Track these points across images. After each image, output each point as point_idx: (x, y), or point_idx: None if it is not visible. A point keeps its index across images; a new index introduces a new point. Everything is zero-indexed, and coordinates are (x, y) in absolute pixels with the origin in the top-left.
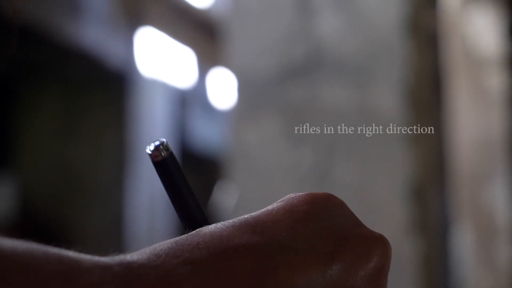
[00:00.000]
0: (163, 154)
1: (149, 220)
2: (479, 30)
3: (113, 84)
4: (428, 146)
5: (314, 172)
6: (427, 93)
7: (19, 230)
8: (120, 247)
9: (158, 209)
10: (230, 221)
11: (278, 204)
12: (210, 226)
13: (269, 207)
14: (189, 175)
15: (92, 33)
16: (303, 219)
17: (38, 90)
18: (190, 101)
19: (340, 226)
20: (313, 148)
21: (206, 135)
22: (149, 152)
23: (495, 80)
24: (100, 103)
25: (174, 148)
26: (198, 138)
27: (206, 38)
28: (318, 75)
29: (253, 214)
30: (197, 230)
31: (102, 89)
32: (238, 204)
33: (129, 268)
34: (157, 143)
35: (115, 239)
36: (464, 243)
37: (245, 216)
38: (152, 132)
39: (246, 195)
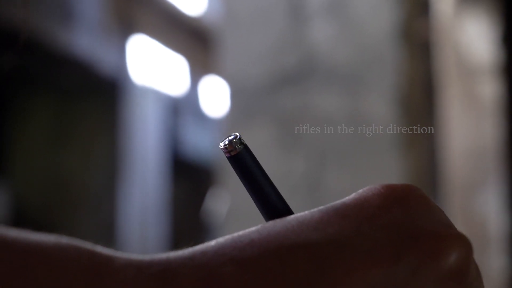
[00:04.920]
0: (237, 148)
1: (140, 227)
2: (472, 38)
3: (105, 91)
4: (420, 155)
5: (306, 180)
6: (419, 101)
7: None
8: None
9: (149, 217)
10: (299, 214)
11: (352, 196)
12: (277, 220)
13: (343, 199)
14: (181, 183)
15: (84, 41)
16: (373, 215)
17: (30, 98)
18: (182, 108)
19: (414, 223)
20: (305, 156)
21: (198, 143)
22: (222, 147)
23: (487, 89)
24: (92, 111)
25: (165, 156)
26: (190, 145)
27: (199, 46)
28: (310, 83)
29: (323, 207)
30: (259, 225)
31: (94, 97)
32: (230, 212)
33: (167, 268)
34: (230, 137)
35: (107, 246)
36: None
37: (315, 209)
38: (144, 139)
39: (238, 202)
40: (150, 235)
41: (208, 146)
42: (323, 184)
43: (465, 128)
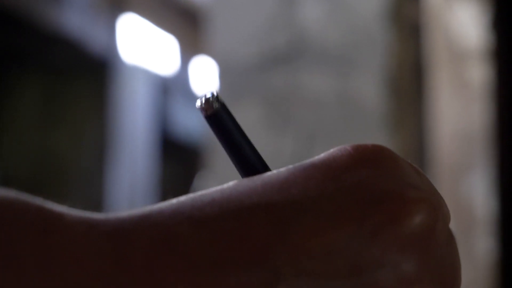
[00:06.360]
0: (214, 106)
1: (129, 207)
2: (462, 22)
3: (95, 70)
4: (409, 137)
5: (295, 160)
6: (409, 83)
7: None
8: None
9: (138, 197)
10: (266, 174)
11: (322, 155)
12: (244, 179)
13: (313, 158)
14: (170, 163)
15: (74, 19)
16: (339, 176)
17: (19, 76)
18: (172, 88)
19: (380, 185)
20: (293, 136)
21: (188, 123)
22: (199, 106)
23: (476, 73)
24: (81, 90)
25: (154, 136)
26: (179, 125)
27: (189, 26)
28: (300, 63)
29: (291, 166)
30: (224, 185)
31: (84, 76)
32: None
33: (120, 226)
34: (207, 95)
35: None
36: None
37: (283, 168)
38: (133, 119)
39: (226, 183)
40: None
41: (198, 126)
42: None
43: (453, 111)
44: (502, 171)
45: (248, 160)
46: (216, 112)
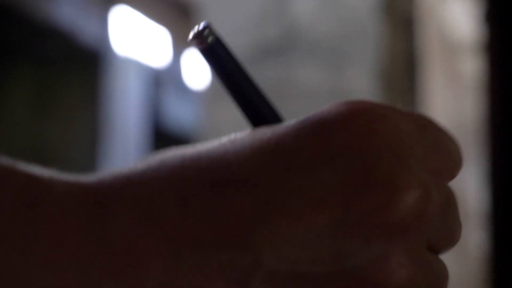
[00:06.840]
0: (208, 40)
1: None
2: (455, 15)
3: (87, 62)
4: None
5: None
6: (401, 76)
7: None
8: None
9: None
10: (255, 141)
11: (310, 117)
12: (237, 144)
13: (303, 122)
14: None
15: (66, 11)
16: (331, 154)
17: (11, 68)
18: (164, 80)
19: (370, 165)
20: None
21: (180, 115)
22: (191, 39)
23: (469, 66)
24: (73, 81)
25: (146, 128)
26: (171, 117)
27: (181, 18)
28: (292, 55)
29: (281, 129)
30: (215, 148)
31: (76, 67)
32: None
33: (106, 201)
34: (200, 27)
35: None
36: None
37: (274, 135)
38: (126, 111)
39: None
40: None
41: (190, 119)
42: None
43: (446, 104)
44: (494, 164)
45: (248, 99)
46: (209, 47)
